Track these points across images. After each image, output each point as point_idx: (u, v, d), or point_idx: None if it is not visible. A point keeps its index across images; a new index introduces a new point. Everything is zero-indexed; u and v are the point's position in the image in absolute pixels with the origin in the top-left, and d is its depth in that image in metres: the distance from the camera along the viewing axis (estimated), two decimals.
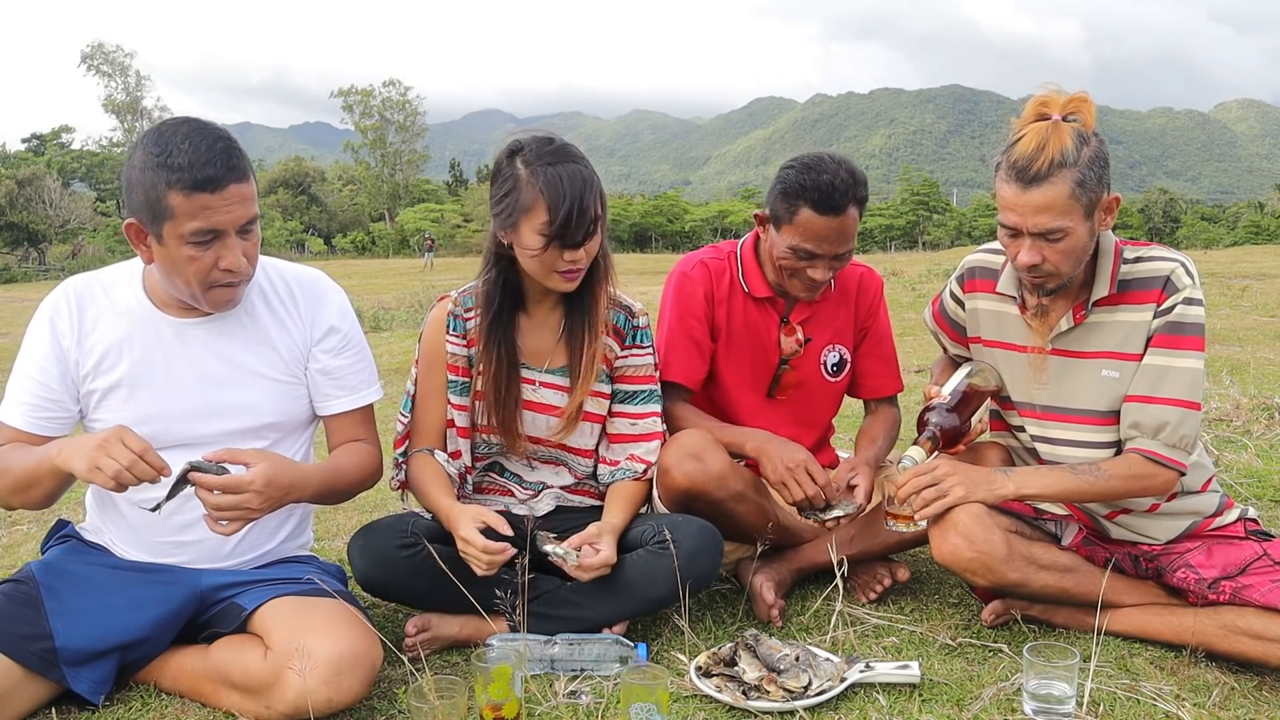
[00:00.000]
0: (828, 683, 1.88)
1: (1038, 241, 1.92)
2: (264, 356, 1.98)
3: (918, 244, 64.29)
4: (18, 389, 1.91)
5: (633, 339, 2.27)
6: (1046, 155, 1.86)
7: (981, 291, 2.24)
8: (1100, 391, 2.06)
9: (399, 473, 2.22)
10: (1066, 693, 1.77)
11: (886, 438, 2.52)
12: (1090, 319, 2.05)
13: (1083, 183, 1.87)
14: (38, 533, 3.20)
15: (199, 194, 1.70)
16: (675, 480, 2.18)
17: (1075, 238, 1.91)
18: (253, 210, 1.80)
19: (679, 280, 2.46)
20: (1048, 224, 1.88)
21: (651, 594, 2.08)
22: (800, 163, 2.26)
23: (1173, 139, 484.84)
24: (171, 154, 1.70)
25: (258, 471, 1.76)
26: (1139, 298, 2.02)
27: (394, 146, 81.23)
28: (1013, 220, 1.92)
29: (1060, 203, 1.87)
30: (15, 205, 52.69)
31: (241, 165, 1.76)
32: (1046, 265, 1.94)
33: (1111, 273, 2.02)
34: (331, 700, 1.72)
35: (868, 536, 2.37)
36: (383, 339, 10.01)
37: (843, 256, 2.30)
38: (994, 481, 2.01)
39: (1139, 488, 2.00)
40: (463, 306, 2.21)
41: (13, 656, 1.72)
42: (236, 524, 1.77)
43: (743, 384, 2.48)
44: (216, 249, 1.77)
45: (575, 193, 1.95)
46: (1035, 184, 1.87)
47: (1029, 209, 1.88)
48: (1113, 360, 2.04)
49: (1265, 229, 61.62)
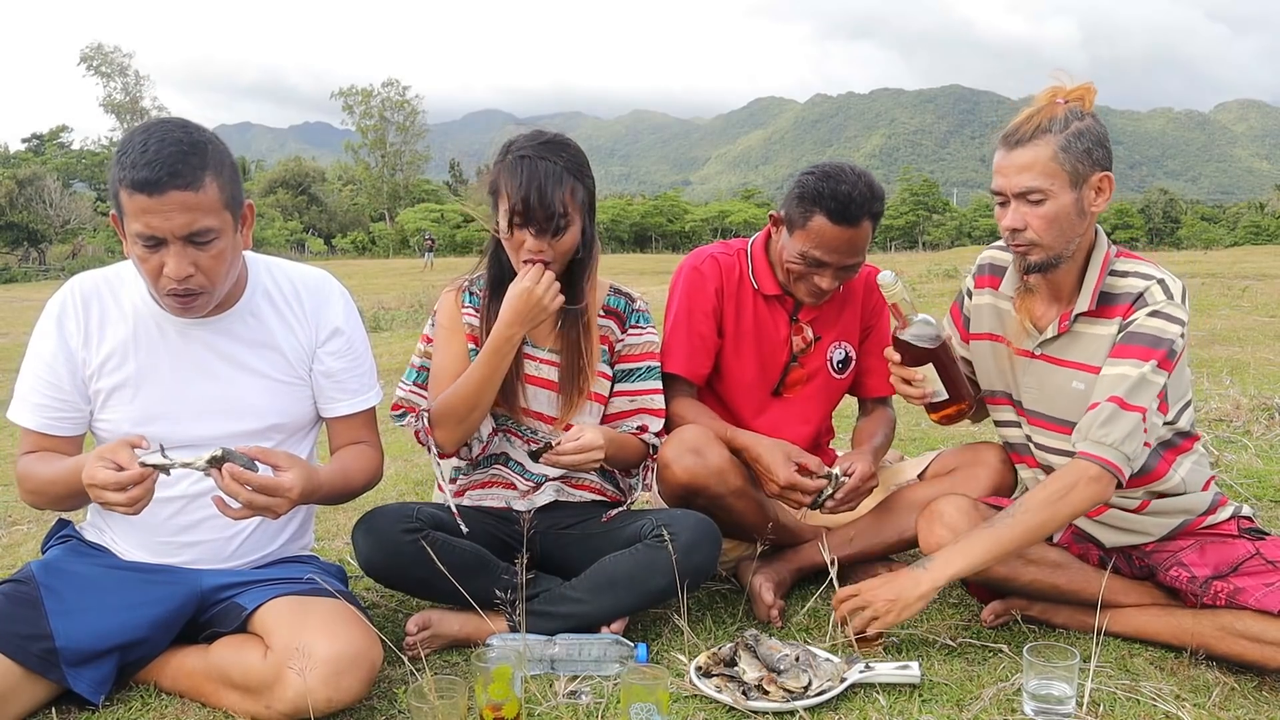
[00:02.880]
0: (828, 683, 1.87)
1: (1020, 205, 1.95)
2: (268, 357, 1.98)
3: (917, 244, 64.31)
4: (28, 390, 1.91)
5: (632, 321, 2.33)
6: (1033, 121, 1.94)
7: (989, 288, 2.25)
8: (1071, 402, 2.06)
9: (419, 420, 2.18)
10: (1066, 693, 1.77)
11: (884, 435, 2.52)
12: (1073, 329, 2.06)
13: (1067, 149, 1.91)
14: (38, 533, 3.20)
15: (138, 195, 1.67)
16: (675, 474, 2.19)
17: (1058, 204, 1.93)
18: (202, 222, 1.70)
19: (689, 274, 2.47)
20: (1028, 183, 1.92)
21: (650, 587, 2.08)
22: (821, 170, 2.27)
23: (1172, 139, 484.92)
24: (127, 150, 1.69)
25: (294, 478, 1.75)
26: (1111, 312, 2.02)
27: (394, 147, 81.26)
28: (998, 183, 1.98)
29: (1041, 163, 1.92)
30: (15, 205, 52.67)
31: (190, 173, 1.68)
32: (1029, 232, 1.96)
33: (1095, 285, 2.03)
34: (331, 700, 1.72)
35: (868, 536, 2.37)
36: (383, 339, 10.02)
37: (851, 268, 2.31)
38: (918, 582, 1.91)
39: (1074, 499, 1.90)
40: (477, 286, 2.29)
41: (13, 656, 1.72)
42: (250, 515, 1.76)
43: (749, 381, 2.48)
44: (162, 254, 1.72)
45: (535, 181, 2.03)
46: (1019, 145, 1.94)
47: (1012, 169, 1.94)
48: (1081, 373, 2.04)
49: (1265, 229, 61.64)
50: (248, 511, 1.73)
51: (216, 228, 1.74)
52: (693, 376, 2.43)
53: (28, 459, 1.90)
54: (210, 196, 1.72)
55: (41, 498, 1.90)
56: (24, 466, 1.90)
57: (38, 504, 1.93)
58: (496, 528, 2.24)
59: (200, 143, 1.73)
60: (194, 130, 1.75)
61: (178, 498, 1.94)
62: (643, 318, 2.35)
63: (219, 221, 1.75)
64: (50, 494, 1.87)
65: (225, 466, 1.68)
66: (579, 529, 2.27)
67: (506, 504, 2.29)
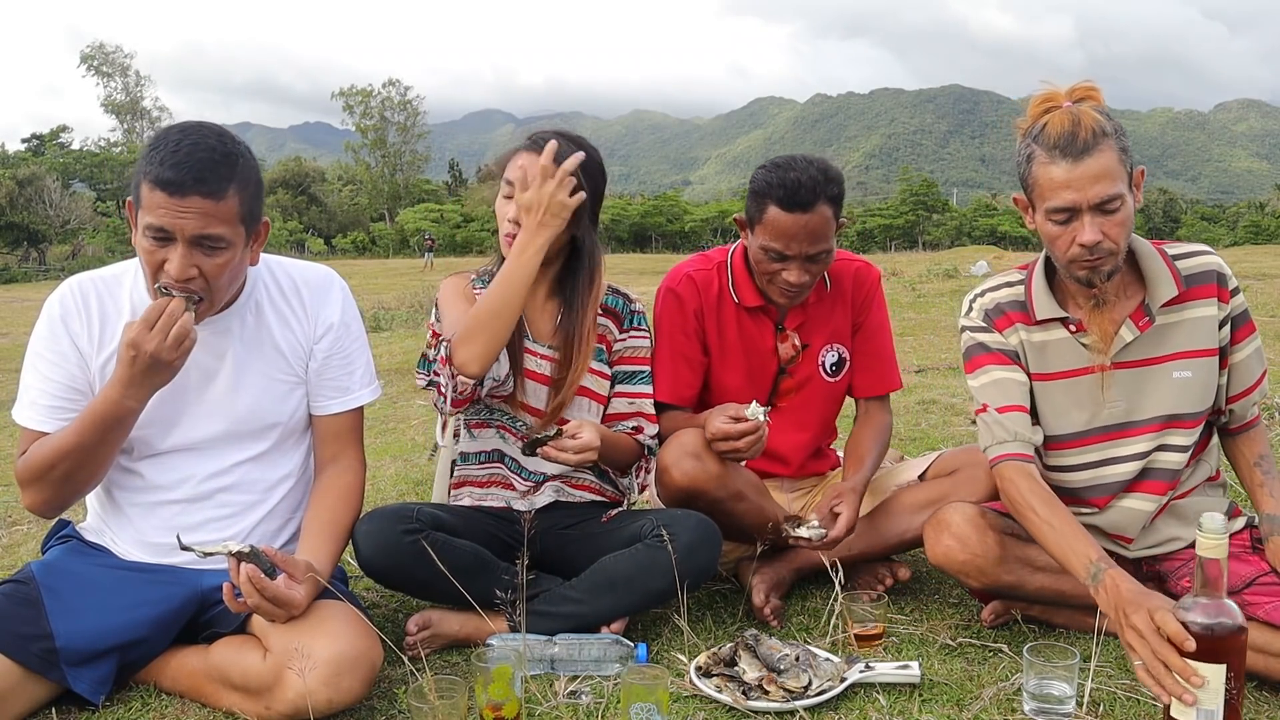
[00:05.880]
0: (828, 683, 1.88)
1: (1097, 216, 1.83)
2: (267, 357, 1.98)
3: (917, 244, 64.29)
4: (38, 394, 1.88)
5: (630, 322, 2.34)
6: (1086, 127, 1.82)
7: (1019, 324, 2.07)
8: (1172, 394, 1.99)
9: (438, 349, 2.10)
10: (1066, 693, 1.77)
11: (876, 452, 2.44)
12: (1157, 321, 1.99)
13: (1125, 149, 1.85)
14: (38, 533, 3.20)
15: (159, 192, 1.69)
16: (674, 479, 2.18)
17: (1127, 209, 1.86)
18: (214, 229, 1.72)
19: (665, 297, 2.44)
20: (1107, 191, 1.81)
21: (651, 587, 2.09)
22: (772, 162, 2.25)
23: (1172, 139, 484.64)
24: (159, 147, 1.72)
25: (305, 595, 1.78)
26: (1200, 293, 1.99)
27: (394, 147, 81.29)
28: (1069, 198, 1.83)
29: (1113, 168, 1.82)
30: (15, 205, 52.67)
31: (215, 182, 1.70)
32: (1106, 243, 1.84)
33: (1171, 271, 1.98)
34: (331, 700, 1.72)
35: (869, 537, 2.36)
36: (383, 339, 10.02)
37: (817, 258, 2.25)
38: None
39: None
40: (486, 275, 2.32)
41: (13, 656, 1.72)
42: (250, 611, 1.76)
43: (741, 394, 2.43)
44: (168, 250, 1.73)
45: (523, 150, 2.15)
46: (1086, 154, 1.81)
47: (1086, 179, 1.81)
48: (1185, 360, 1.99)
49: (1265, 229, 61.60)
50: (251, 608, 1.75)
51: (228, 238, 1.76)
52: (680, 401, 2.41)
53: (29, 450, 1.85)
54: (229, 208, 1.74)
55: (50, 479, 1.81)
56: (28, 455, 1.84)
57: (44, 498, 1.84)
58: (497, 528, 2.24)
59: (232, 154, 1.74)
60: (229, 141, 1.76)
61: (179, 500, 1.94)
62: (641, 319, 2.35)
63: (231, 233, 1.76)
64: (62, 466, 1.79)
65: (244, 567, 1.69)
66: (579, 529, 2.27)
67: (506, 504, 2.30)
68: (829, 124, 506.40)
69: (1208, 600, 1.56)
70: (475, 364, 2.05)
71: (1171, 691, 1.57)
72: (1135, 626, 1.64)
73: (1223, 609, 1.55)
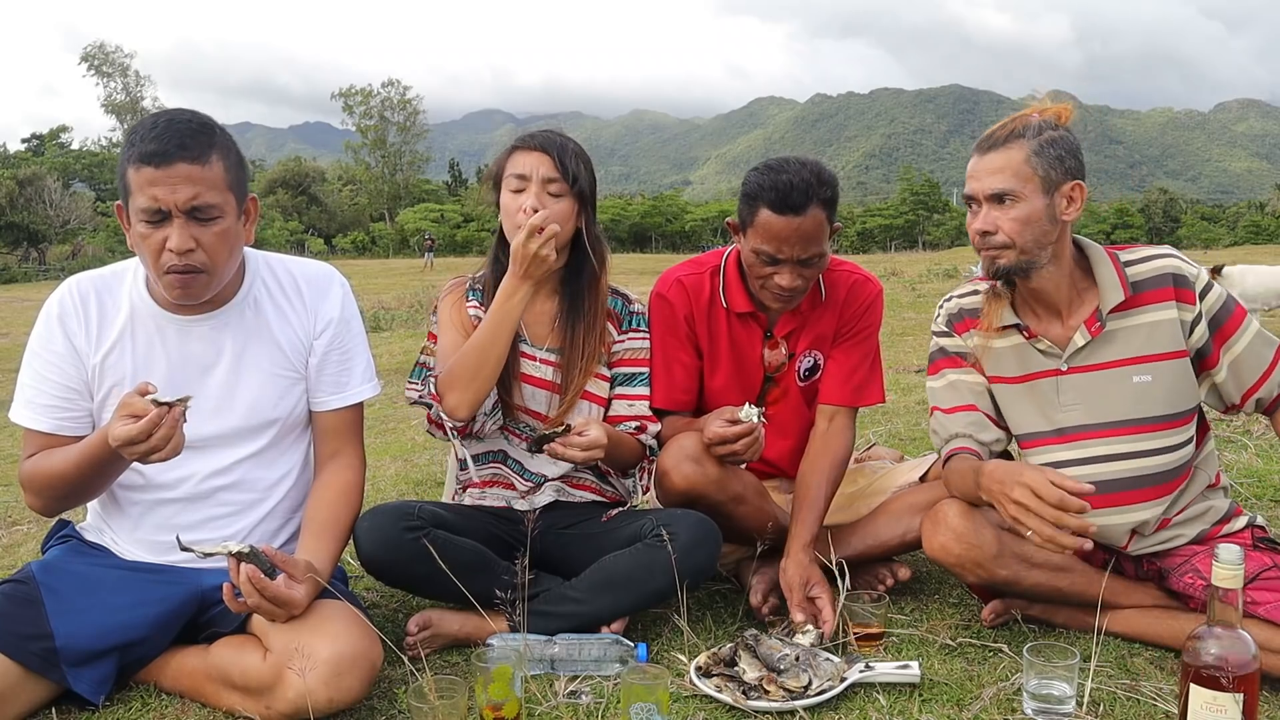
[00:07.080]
0: (828, 683, 1.88)
1: (992, 209, 1.96)
2: (267, 352, 1.98)
3: (918, 244, 64.30)
4: (34, 393, 1.89)
5: (629, 323, 2.34)
6: (1007, 128, 1.98)
7: (973, 329, 2.16)
8: (1132, 398, 2.01)
9: (426, 386, 2.19)
10: (1066, 693, 1.77)
11: (826, 490, 2.31)
12: (1108, 328, 2.02)
13: (1040, 153, 1.93)
14: (38, 533, 3.21)
15: (145, 168, 1.71)
16: (674, 482, 2.18)
17: (1030, 208, 1.93)
18: (206, 197, 1.74)
19: (655, 303, 2.43)
20: (999, 185, 1.94)
21: (651, 587, 2.09)
22: (764, 164, 2.24)
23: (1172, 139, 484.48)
24: (137, 130, 1.74)
25: (305, 596, 1.78)
26: (1153, 297, 2.01)
27: (394, 147, 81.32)
28: (970, 188, 2.00)
29: (1013, 166, 1.93)
30: (15, 205, 52.66)
31: (197, 147, 1.73)
32: (1000, 235, 1.96)
33: (1119, 277, 2.01)
34: (332, 700, 1.72)
35: (869, 538, 2.36)
36: (383, 339, 10.03)
37: (809, 262, 2.21)
38: None
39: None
40: (481, 282, 2.32)
41: (13, 656, 1.72)
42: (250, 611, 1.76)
43: (731, 400, 2.38)
44: (165, 229, 1.74)
45: (548, 137, 2.18)
46: (991, 149, 1.97)
47: (983, 172, 1.97)
48: (1144, 364, 2.01)
49: (1265, 229, 61.65)
50: (251, 608, 1.75)
51: (220, 205, 1.77)
52: (676, 406, 2.40)
53: (33, 460, 1.87)
54: (216, 173, 1.76)
55: (52, 496, 1.86)
56: (31, 467, 1.87)
57: (47, 507, 1.90)
58: (497, 527, 2.25)
59: (209, 125, 1.78)
60: (203, 116, 1.80)
61: (179, 499, 1.94)
62: (640, 319, 2.36)
63: (223, 200, 1.78)
64: (62, 488, 1.83)
65: (244, 567, 1.70)
66: (579, 529, 2.27)
67: (507, 503, 2.30)
68: (829, 124, 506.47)
69: (1223, 630, 1.55)
70: (464, 409, 2.12)
71: (1069, 544, 1.75)
72: (1018, 501, 1.79)
73: (1238, 639, 1.54)
